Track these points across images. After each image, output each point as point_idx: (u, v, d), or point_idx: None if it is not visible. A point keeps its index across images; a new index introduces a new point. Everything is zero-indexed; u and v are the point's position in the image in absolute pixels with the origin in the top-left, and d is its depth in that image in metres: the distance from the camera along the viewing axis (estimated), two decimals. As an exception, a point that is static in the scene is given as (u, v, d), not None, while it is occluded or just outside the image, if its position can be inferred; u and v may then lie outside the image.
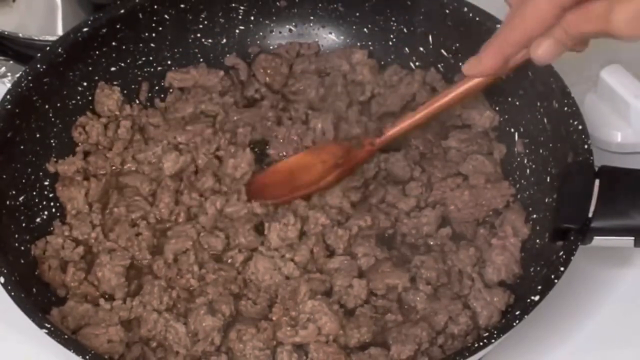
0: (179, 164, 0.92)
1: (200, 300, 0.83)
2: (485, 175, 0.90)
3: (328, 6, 1.01)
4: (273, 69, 1.00)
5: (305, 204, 0.89)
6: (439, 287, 0.84)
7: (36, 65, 0.91)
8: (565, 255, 0.77)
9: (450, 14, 0.94)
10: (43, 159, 0.91)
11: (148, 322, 0.82)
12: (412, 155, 0.93)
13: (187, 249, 0.87)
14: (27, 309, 0.76)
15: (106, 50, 0.96)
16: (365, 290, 0.83)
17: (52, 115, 0.93)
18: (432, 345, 0.81)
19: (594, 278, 0.89)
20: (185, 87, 0.99)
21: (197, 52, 1.00)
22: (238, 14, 1.01)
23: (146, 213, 0.90)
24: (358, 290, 0.83)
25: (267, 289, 0.84)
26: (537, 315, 0.76)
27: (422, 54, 0.98)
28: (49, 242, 0.87)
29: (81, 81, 0.95)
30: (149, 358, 0.81)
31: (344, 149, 0.92)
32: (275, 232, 0.87)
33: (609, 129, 0.96)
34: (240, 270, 0.86)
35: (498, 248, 0.85)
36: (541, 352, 0.85)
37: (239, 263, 0.86)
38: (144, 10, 0.96)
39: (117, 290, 0.84)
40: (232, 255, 0.87)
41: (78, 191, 0.90)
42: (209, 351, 0.81)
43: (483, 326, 0.82)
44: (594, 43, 0.73)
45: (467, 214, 0.89)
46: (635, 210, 0.77)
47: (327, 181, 0.90)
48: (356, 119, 0.95)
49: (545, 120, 0.88)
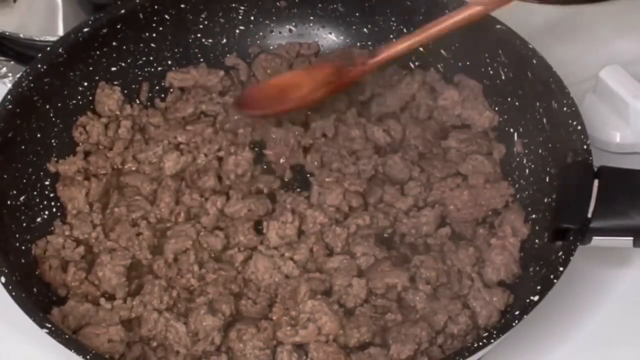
0: (179, 164, 0.92)
1: (200, 300, 0.83)
2: (485, 175, 0.90)
3: (328, 6, 1.01)
4: (273, 69, 1.00)
5: (304, 203, 0.89)
6: (438, 287, 0.84)
7: (37, 66, 0.91)
8: (565, 255, 0.77)
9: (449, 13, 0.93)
10: (44, 159, 0.91)
11: (149, 321, 0.82)
12: (411, 156, 0.93)
13: (187, 248, 0.87)
14: (28, 308, 0.77)
15: (107, 50, 0.96)
16: (364, 289, 0.83)
17: (52, 115, 0.93)
18: (431, 345, 0.81)
19: (593, 278, 0.89)
20: (185, 87, 0.99)
21: (197, 52, 1.00)
22: (238, 14, 1.01)
23: (146, 213, 0.90)
24: (357, 290, 0.83)
25: (267, 288, 0.85)
26: (536, 315, 0.76)
27: (422, 54, 0.98)
28: (49, 242, 0.87)
29: (82, 81, 0.95)
30: (150, 358, 0.81)
31: (336, 67, 0.91)
32: (274, 230, 0.87)
33: (608, 129, 0.96)
34: (240, 270, 0.86)
35: (497, 248, 0.85)
36: (540, 352, 0.85)
37: (239, 262, 0.86)
38: (145, 10, 0.96)
39: (118, 290, 0.84)
40: (231, 254, 0.87)
41: (79, 191, 0.90)
42: (209, 351, 0.81)
43: (482, 326, 0.82)
44: (593, 44, 0.73)
45: (467, 213, 0.89)
46: (634, 211, 0.77)
47: (317, 96, 0.90)
48: (355, 121, 0.95)
49: (544, 120, 0.88)
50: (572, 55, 0.77)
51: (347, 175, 0.91)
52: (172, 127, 0.95)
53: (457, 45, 0.95)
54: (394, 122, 0.95)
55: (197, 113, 0.97)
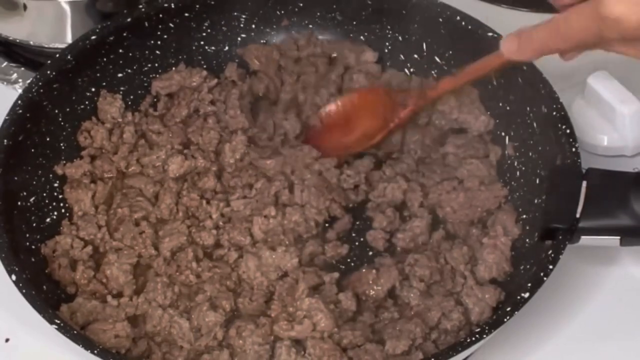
0: (183, 167, 0.93)
1: (200, 297, 0.84)
2: (480, 178, 0.91)
3: (327, 15, 1.01)
4: (265, 57, 1.00)
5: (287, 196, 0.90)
6: (432, 285, 0.85)
7: (46, 72, 0.91)
8: (554, 254, 0.78)
9: (443, 22, 0.95)
10: (53, 162, 0.92)
11: (153, 318, 0.83)
12: (403, 168, 0.93)
13: (182, 244, 0.87)
14: (38, 305, 0.77)
15: (113, 57, 0.96)
16: (353, 301, 0.84)
17: (61, 120, 0.93)
18: (425, 341, 0.81)
19: (582, 276, 0.90)
20: (172, 92, 0.99)
21: (200, 59, 1.01)
22: (240, 22, 1.02)
23: (148, 213, 0.90)
24: (346, 304, 0.84)
25: (259, 286, 0.85)
26: (527, 311, 0.77)
27: (417, 60, 0.99)
28: (58, 242, 0.87)
29: (89, 87, 0.96)
30: (155, 352, 0.81)
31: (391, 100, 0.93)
32: (257, 225, 0.88)
33: (595, 133, 0.96)
34: (233, 267, 0.87)
35: (489, 247, 0.86)
36: (530, 347, 0.86)
37: (232, 261, 0.87)
38: (150, 19, 0.97)
39: (126, 288, 0.85)
40: (223, 253, 0.87)
41: (85, 193, 0.91)
42: (212, 346, 0.81)
43: (475, 322, 0.83)
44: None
45: (462, 215, 0.89)
46: (621, 211, 0.78)
47: (377, 140, 0.92)
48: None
49: (534, 124, 0.89)
50: (561, 61, 0.78)
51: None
52: (174, 134, 0.95)
53: (450, 53, 0.96)
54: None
55: (191, 113, 0.97)
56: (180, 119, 0.97)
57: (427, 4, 0.96)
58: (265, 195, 0.91)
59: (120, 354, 0.80)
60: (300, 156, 0.93)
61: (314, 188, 0.90)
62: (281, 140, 0.96)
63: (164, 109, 0.98)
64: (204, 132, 0.95)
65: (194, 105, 0.98)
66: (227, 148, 0.93)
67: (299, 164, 0.92)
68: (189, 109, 0.98)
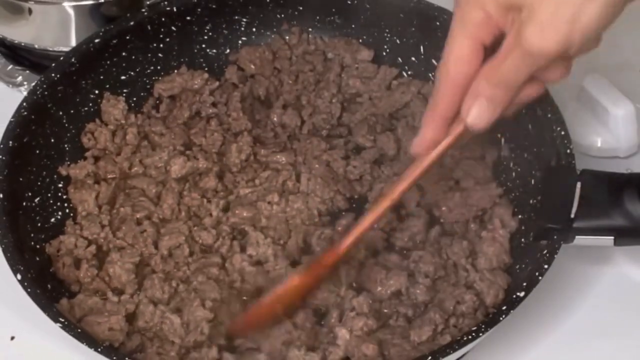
0: (185, 168, 0.93)
1: (192, 295, 0.84)
2: (475, 178, 0.92)
3: (326, 18, 1.02)
4: (258, 58, 1.01)
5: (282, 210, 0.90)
6: (436, 280, 0.85)
7: (51, 74, 0.92)
8: (549, 254, 0.78)
9: (440, 25, 0.95)
10: (57, 163, 0.92)
11: (145, 314, 0.83)
12: (401, 168, 0.92)
13: (180, 243, 0.87)
14: (42, 304, 0.77)
15: (116, 60, 0.97)
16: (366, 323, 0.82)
17: (65, 122, 0.94)
18: (446, 327, 0.81)
19: (576, 275, 0.90)
20: (174, 94, 0.99)
21: (202, 62, 1.01)
22: (241, 26, 1.02)
23: (150, 213, 0.90)
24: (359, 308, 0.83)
25: (248, 276, 0.86)
26: (522, 310, 0.77)
27: (414, 63, 0.99)
28: (62, 242, 0.88)
29: (93, 89, 0.96)
30: (147, 348, 0.82)
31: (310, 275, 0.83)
32: (260, 210, 0.89)
33: (590, 135, 0.97)
34: (227, 268, 0.87)
35: (488, 240, 0.86)
36: (525, 345, 0.86)
37: (226, 251, 0.87)
38: (152, 22, 0.98)
39: (128, 286, 0.85)
40: (217, 246, 0.88)
41: (89, 194, 0.91)
42: (200, 341, 0.81)
43: (490, 305, 0.82)
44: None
45: (458, 213, 0.90)
46: (615, 211, 0.78)
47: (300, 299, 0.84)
48: (337, 115, 0.97)
49: (530, 126, 0.89)
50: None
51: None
52: (176, 135, 0.96)
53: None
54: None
55: (193, 114, 0.98)
56: (182, 121, 0.98)
57: (424, 7, 0.97)
58: (273, 184, 0.92)
59: (118, 350, 0.80)
60: (310, 148, 0.94)
61: (320, 178, 0.91)
62: (287, 136, 0.97)
63: (166, 111, 0.99)
64: (207, 134, 0.96)
65: (195, 107, 0.98)
66: (234, 148, 0.94)
67: (308, 156, 0.94)
68: (190, 111, 0.98)
